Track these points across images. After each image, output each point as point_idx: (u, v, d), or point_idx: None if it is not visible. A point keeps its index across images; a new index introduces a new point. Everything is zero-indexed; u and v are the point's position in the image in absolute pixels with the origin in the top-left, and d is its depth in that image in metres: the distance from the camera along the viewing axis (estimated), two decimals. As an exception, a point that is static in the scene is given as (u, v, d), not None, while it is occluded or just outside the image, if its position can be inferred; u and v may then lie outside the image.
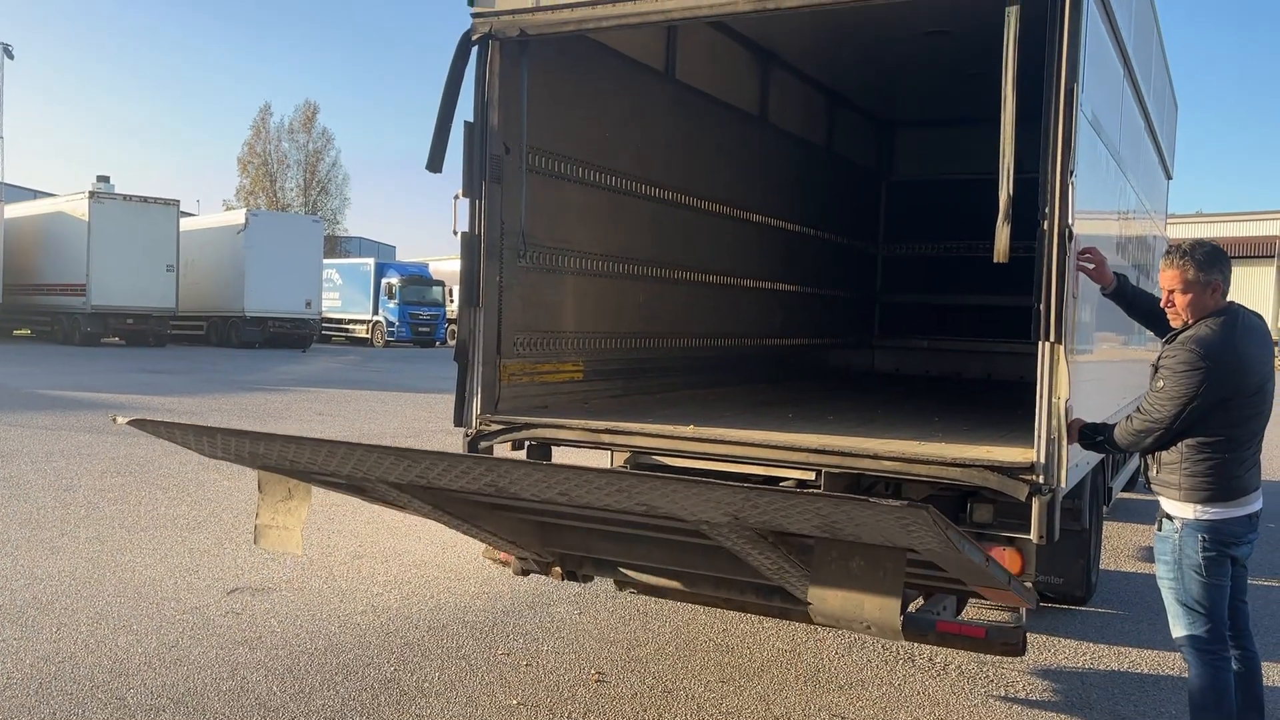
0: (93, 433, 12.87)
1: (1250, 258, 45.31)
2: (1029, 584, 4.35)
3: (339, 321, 44.41)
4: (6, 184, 49.39)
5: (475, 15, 5.36)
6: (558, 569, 4.99)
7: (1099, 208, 5.36)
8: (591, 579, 5.12)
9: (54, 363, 24.51)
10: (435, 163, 5.26)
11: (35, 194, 46.34)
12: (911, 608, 4.57)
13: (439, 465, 3.24)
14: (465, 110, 5.38)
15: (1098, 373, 5.63)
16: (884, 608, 2.97)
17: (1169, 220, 11.83)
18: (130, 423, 3.71)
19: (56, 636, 5.36)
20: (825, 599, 3.05)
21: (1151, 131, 8.21)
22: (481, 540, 4.59)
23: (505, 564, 5.17)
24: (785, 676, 5.21)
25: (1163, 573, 3.98)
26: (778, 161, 9.27)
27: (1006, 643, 4.18)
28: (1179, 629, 3.96)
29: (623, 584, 4.91)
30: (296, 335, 35.79)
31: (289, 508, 3.97)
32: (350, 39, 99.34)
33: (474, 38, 5.35)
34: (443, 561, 7.25)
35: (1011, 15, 4.28)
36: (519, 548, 4.52)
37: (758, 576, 4.03)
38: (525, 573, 5.01)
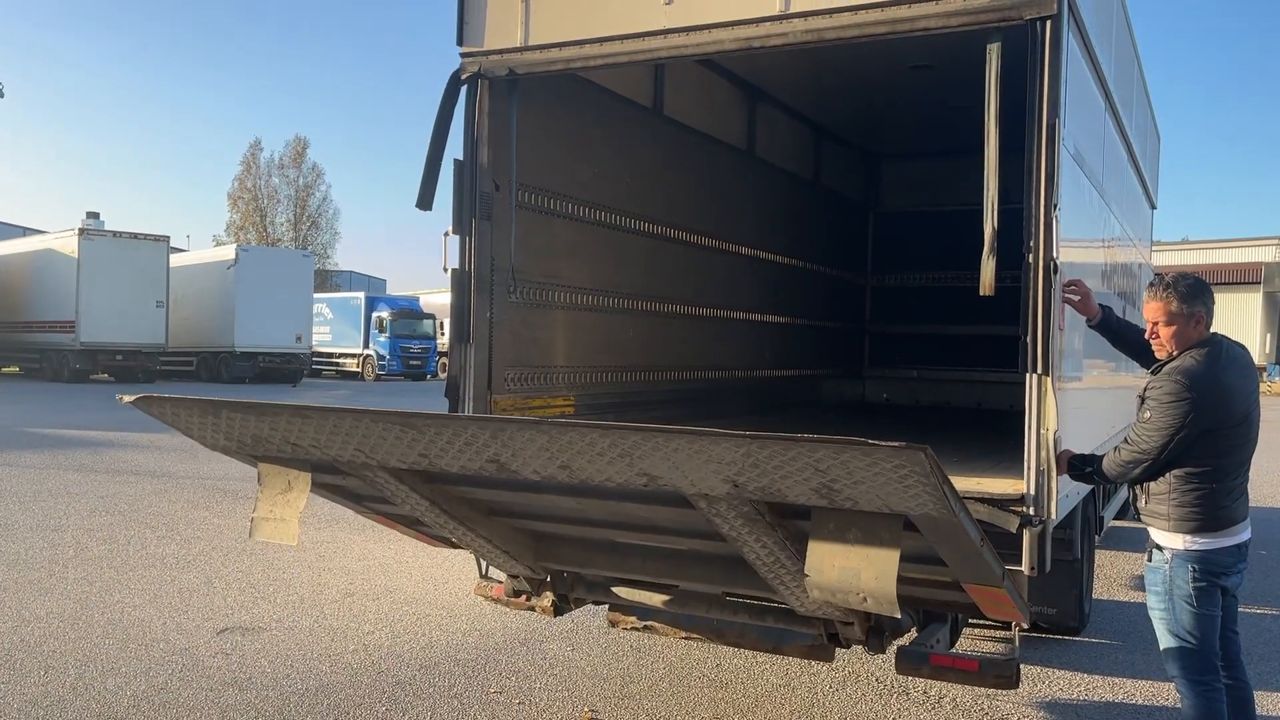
0: (81, 471, 12.80)
1: (1236, 284, 45.58)
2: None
3: (330, 355, 44.35)
4: (-5, 221, 49.48)
5: (464, 55, 5.43)
6: (547, 604, 4.97)
7: (1083, 240, 5.41)
8: (584, 603, 5.08)
9: (42, 400, 24.40)
10: (425, 201, 5.30)
11: (25, 231, 46.38)
12: (904, 640, 4.57)
13: (443, 435, 3.22)
14: (455, 148, 5.43)
15: (1087, 400, 5.67)
16: (880, 576, 2.97)
17: (1155, 248, 11.95)
18: (134, 401, 3.72)
19: (44, 680, 5.31)
20: (822, 570, 3.04)
21: (1134, 162, 8.31)
22: (477, 553, 4.52)
23: (497, 600, 5.16)
24: (779, 712, 5.19)
25: (1154, 603, 3.99)
26: (766, 195, 9.35)
27: (1000, 675, 4.18)
28: (1171, 660, 3.96)
29: (615, 621, 4.89)
30: (287, 370, 35.72)
31: (287, 500, 3.96)
32: (340, 75, 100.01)
33: (463, 77, 5.42)
34: (434, 599, 7.21)
35: (993, 52, 4.35)
36: (512, 560, 4.48)
37: (751, 588, 4.03)
38: (517, 594, 4.97)
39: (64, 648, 5.84)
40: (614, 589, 4.89)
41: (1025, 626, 4.41)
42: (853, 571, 2.99)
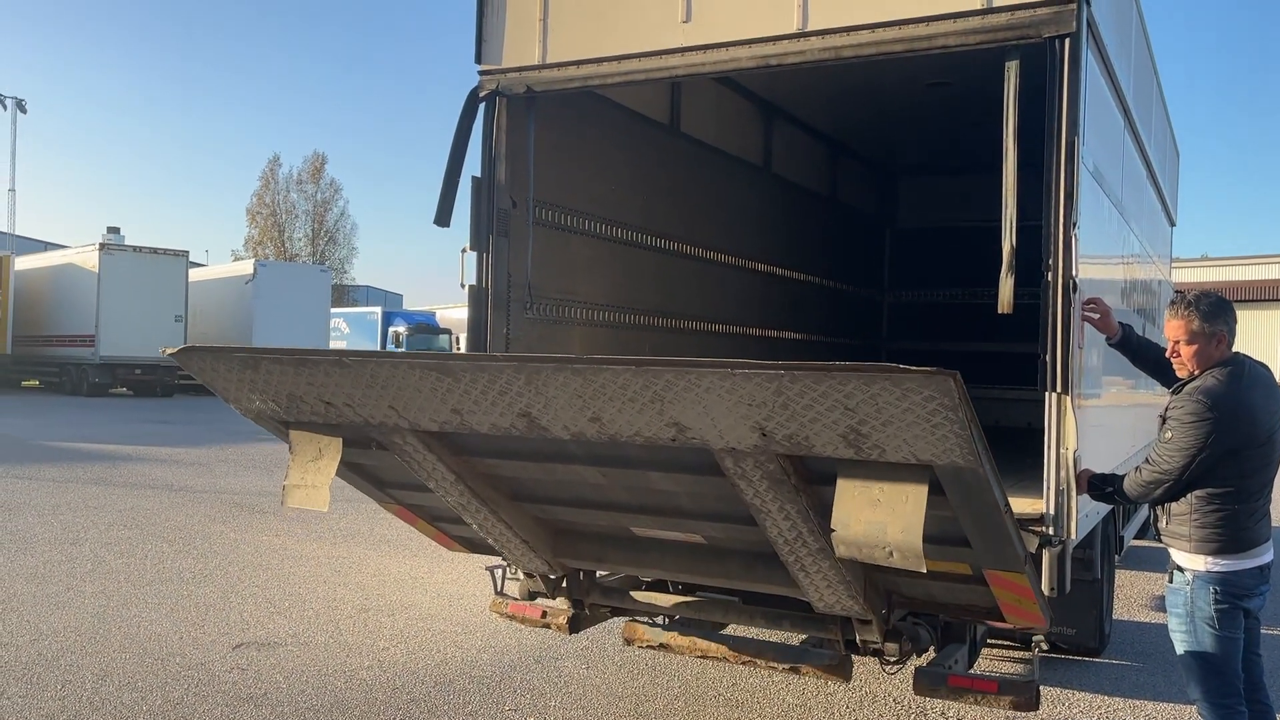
0: (99, 485, 12.87)
1: (1259, 301, 45.18)
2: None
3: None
4: (18, 236, 50.01)
5: (482, 72, 5.46)
6: (562, 621, 4.96)
7: (1102, 257, 5.39)
8: (600, 609, 5.06)
9: (61, 414, 24.57)
10: (443, 217, 5.32)
11: (46, 245, 46.83)
12: (922, 661, 4.53)
13: (477, 383, 3.24)
14: (473, 165, 5.46)
15: (1107, 417, 5.63)
16: (906, 530, 2.98)
17: (1174, 265, 11.87)
18: (175, 353, 3.82)
19: (61, 694, 5.33)
20: (849, 526, 3.06)
21: (1153, 179, 8.27)
22: (496, 544, 4.50)
23: (512, 617, 5.15)
24: (796, 732, 5.15)
25: (1175, 625, 3.95)
26: (782, 211, 9.35)
27: (1020, 697, 4.13)
28: (1193, 682, 3.91)
29: (631, 639, 4.86)
30: (305, 385, 35.84)
31: (318, 467, 3.99)
32: (359, 90, 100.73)
33: (481, 94, 5.44)
34: (450, 615, 7.20)
35: (1011, 70, 4.34)
36: (531, 552, 4.46)
37: (769, 582, 4.02)
38: (533, 596, 4.97)
39: (81, 661, 5.85)
40: (630, 593, 4.89)
41: (1046, 631, 4.35)
42: (879, 525, 3.02)
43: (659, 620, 5.24)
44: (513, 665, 6.07)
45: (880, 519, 3.01)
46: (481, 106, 5.44)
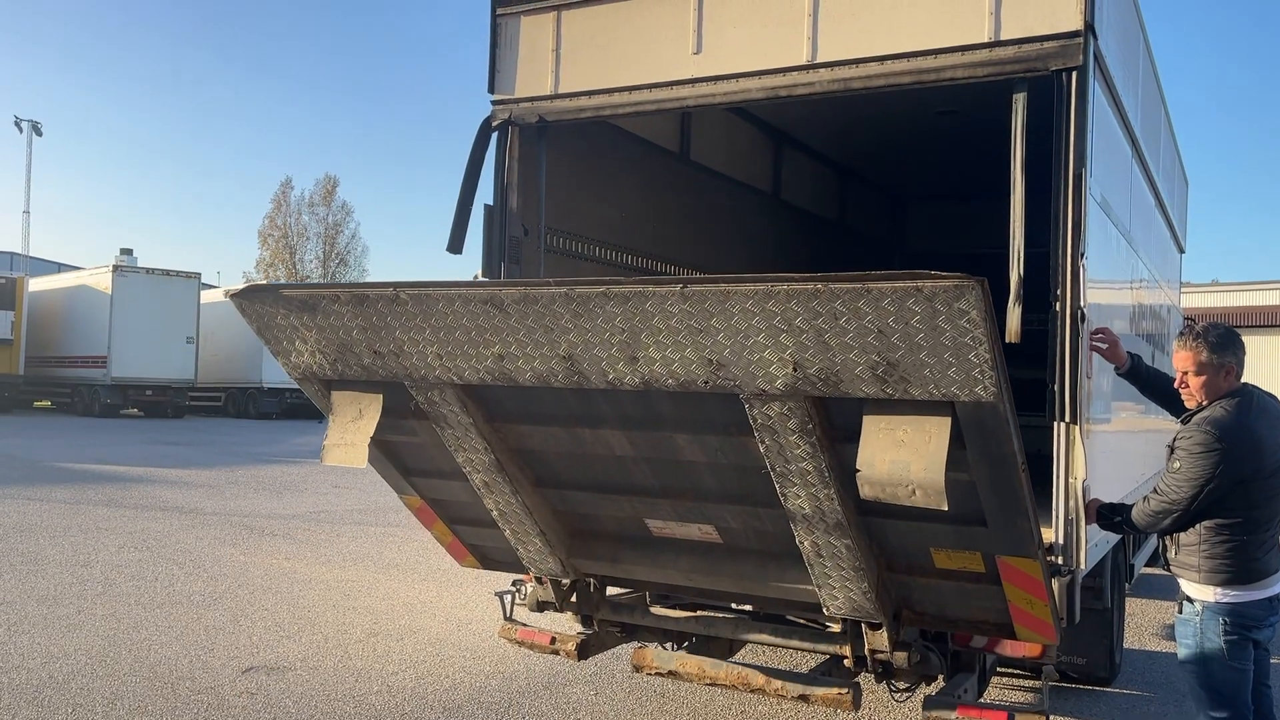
0: (110, 506, 12.92)
1: (1269, 327, 45.03)
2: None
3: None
4: (32, 257, 50.34)
5: (495, 102, 5.52)
6: (571, 647, 4.97)
7: (1110, 286, 5.41)
8: (610, 627, 5.07)
9: (73, 435, 24.68)
10: (456, 245, 5.37)
11: (60, 267, 47.15)
12: (932, 689, 4.52)
13: (526, 318, 3.43)
14: (485, 193, 5.51)
15: (1115, 443, 5.63)
16: (929, 468, 3.09)
17: (1184, 290, 11.85)
18: (239, 292, 3.92)
19: (72, 717, 5.35)
20: (874, 465, 3.17)
21: (1162, 208, 8.29)
22: (513, 536, 4.54)
23: (521, 643, 5.16)
24: (805, 760, 5.13)
25: (1185, 656, 3.94)
26: (792, 237, 9.39)
27: (1029, 727, 4.12)
28: (1203, 713, 3.90)
29: (640, 665, 4.87)
30: (314, 406, 35.84)
31: (358, 426, 4.10)
32: (371, 114, 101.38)
33: (494, 123, 5.51)
34: (459, 640, 7.21)
35: (1018, 102, 4.38)
36: (547, 550, 4.49)
37: (782, 580, 4.08)
38: (541, 607, 5.00)
39: (91, 685, 5.87)
40: (638, 612, 4.91)
41: (1056, 654, 4.35)
42: (903, 464, 3.13)
43: (668, 645, 5.26)
44: (521, 691, 6.07)
45: (904, 458, 3.13)
46: (494, 135, 5.51)
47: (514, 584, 5.40)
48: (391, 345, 3.76)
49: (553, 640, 5.04)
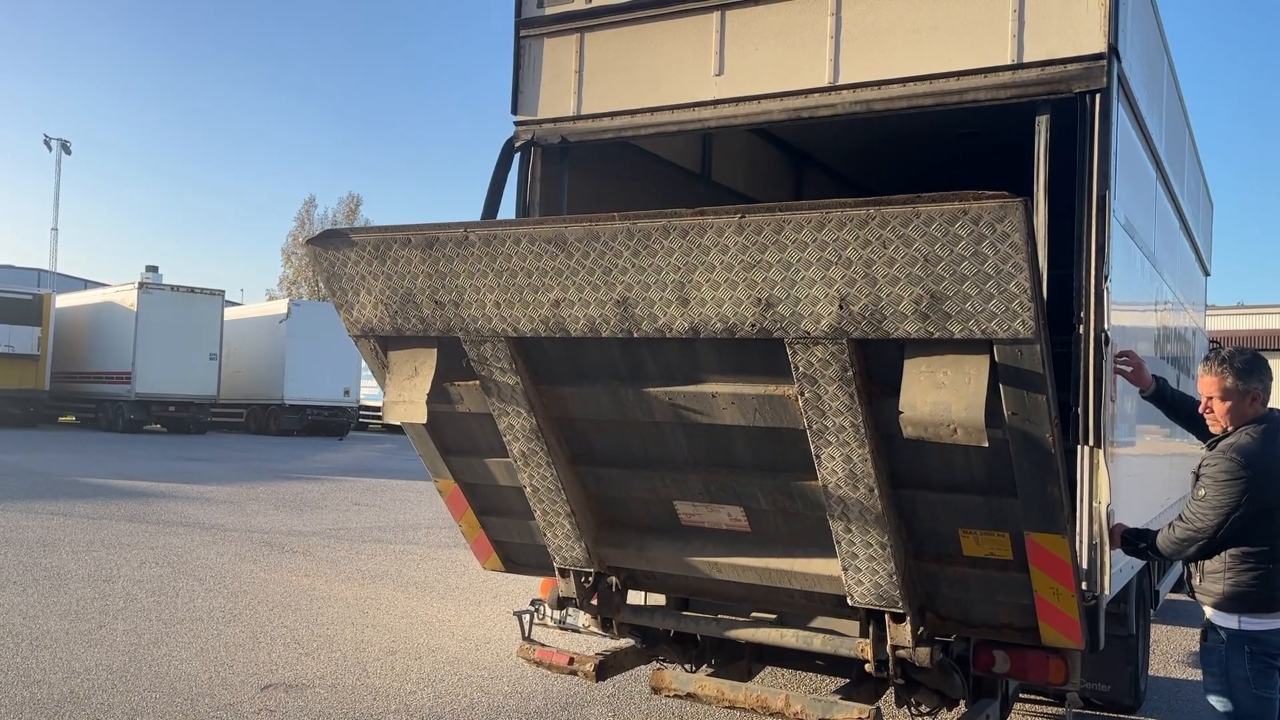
0: (132, 522, 13.00)
1: (1294, 349, 44.56)
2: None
3: (376, 409, 44.70)
4: (59, 274, 50.96)
5: (518, 123, 5.56)
6: (589, 668, 4.94)
7: (1135, 309, 5.37)
8: (628, 636, 5.06)
9: (96, 450, 24.88)
10: (478, 264, 5.39)
11: (86, 284, 47.65)
12: (953, 716, 4.48)
13: (588, 257, 3.57)
14: (507, 212, 5.54)
15: (1140, 467, 5.58)
16: (970, 408, 3.18)
17: (1210, 313, 11.75)
18: (315, 238, 4.06)
19: (92, 732, 5.37)
20: (916, 407, 3.27)
21: (1186, 229, 8.24)
22: (543, 519, 4.53)
23: (539, 663, 5.14)
24: (824, 785, 5.08)
25: (1210, 685, 3.89)
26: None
27: (1053, 754, 4.08)
28: (1230, 744, 3.85)
29: (658, 687, 4.84)
30: (334, 423, 36.11)
31: (414, 384, 4.19)
32: (394, 133, 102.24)
33: (517, 144, 5.54)
34: (477, 659, 7.19)
35: (1041, 124, 4.37)
36: (575, 537, 4.49)
37: (807, 567, 4.09)
38: (562, 604, 4.97)
39: (112, 700, 5.90)
40: (656, 615, 4.90)
41: (1081, 681, 4.30)
42: (944, 405, 3.24)
43: (687, 667, 5.23)
44: (539, 712, 6.05)
45: (945, 399, 3.24)
46: (517, 156, 5.54)
47: (532, 603, 5.39)
48: (453, 294, 3.87)
49: (571, 661, 5.02)
